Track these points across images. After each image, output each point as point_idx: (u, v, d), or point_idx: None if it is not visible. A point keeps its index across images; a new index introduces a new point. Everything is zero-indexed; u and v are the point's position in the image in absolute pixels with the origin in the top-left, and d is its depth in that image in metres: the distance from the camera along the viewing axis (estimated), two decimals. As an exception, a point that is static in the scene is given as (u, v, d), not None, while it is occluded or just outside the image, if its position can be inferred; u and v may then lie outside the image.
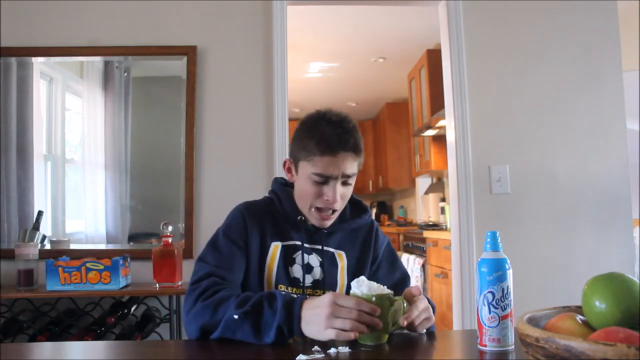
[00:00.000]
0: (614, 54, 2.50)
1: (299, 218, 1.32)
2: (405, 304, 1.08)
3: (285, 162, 1.36)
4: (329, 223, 1.31)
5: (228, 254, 1.26)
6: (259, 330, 1.06)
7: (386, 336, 1.07)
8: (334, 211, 1.29)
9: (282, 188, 1.37)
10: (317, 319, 1.02)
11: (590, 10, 2.52)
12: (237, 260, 1.26)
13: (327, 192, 1.25)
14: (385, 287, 1.09)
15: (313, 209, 1.29)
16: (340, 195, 1.27)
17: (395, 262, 1.41)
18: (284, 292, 1.15)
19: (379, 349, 1.04)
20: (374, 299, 1.05)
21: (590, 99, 2.49)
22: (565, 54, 2.51)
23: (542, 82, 2.50)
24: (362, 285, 1.07)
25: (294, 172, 1.33)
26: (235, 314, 1.06)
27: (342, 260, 1.33)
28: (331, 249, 1.34)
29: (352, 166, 1.26)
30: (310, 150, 1.24)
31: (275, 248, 1.29)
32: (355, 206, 1.41)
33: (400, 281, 1.36)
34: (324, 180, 1.25)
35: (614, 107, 2.48)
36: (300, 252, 1.30)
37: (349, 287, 1.28)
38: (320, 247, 1.32)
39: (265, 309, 1.07)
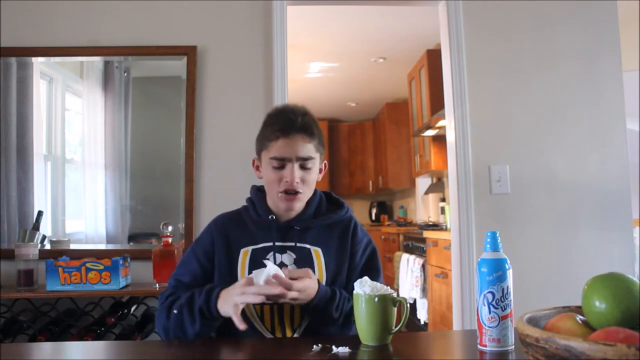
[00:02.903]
0: (614, 55, 2.50)
1: (270, 217, 1.34)
2: (408, 305, 1.08)
3: (253, 161, 1.41)
4: (297, 205, 1.33)
5: (193, 269, 1.34)
6: (193, 317, 1.18)
7: (389, 337, 1.07)
8: (297, 192, 1.30)
9: (257, 193, 1.41)
10: (228, 298, 1.15)
11: (590, 11, 2.52)
12: (200, 275, 1.33)
13: (286, 174, 1.29)
14: (389, 287, 1.09)
15: (280, 194, 1.31)
16: (300, 178, 1.30)
17: (373, 265, 1.39)
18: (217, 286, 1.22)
19: (380, 349, 1.04)
20: (376, 299, 1.05)
21: (590, 99, 2.49)
22: (566, 54, 2.50)
23: (542, 82, 2.49)
24: (365, 286, 1.07)
25: (261, 167, 1.38)
26: (175, 310, 1.20)
27: (318, 257, 1.33)
28: (307, 245, 1.34)
29: (305, 148, 1.29)
30: (266, 137, 1.32)
31: (245, 254, 1.32)
32: (332, 203, 1.44)
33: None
34: (281, 164, 1.29)
35: (614, 107, 2.48)
36: (272, 252, 1.32)
37: (327, 284, 1.29)
38: (293, 244, 1.33)
39: (195, 297, 1.20)
